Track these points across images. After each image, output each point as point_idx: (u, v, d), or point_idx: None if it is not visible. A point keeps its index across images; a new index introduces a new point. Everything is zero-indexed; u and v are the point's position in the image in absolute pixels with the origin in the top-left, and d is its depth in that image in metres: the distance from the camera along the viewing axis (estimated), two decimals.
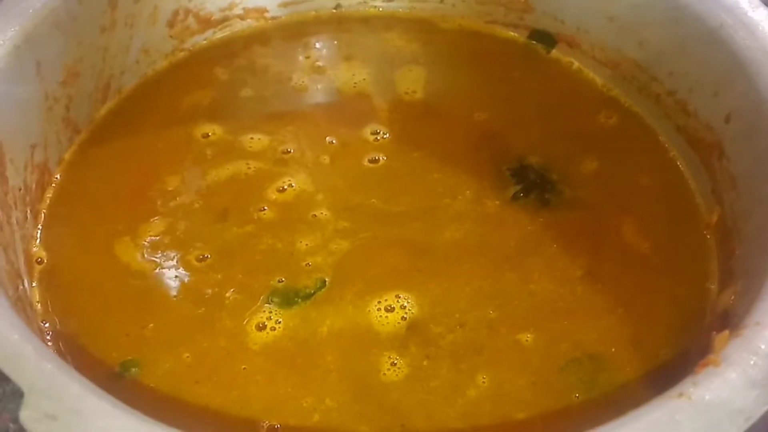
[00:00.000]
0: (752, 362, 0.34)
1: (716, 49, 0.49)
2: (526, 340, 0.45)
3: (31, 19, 0.48)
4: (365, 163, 0.54)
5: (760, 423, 0.33)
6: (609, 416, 0.33)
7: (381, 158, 0.54)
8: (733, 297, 0.43)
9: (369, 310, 0.46)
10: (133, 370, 0.43)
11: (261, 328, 0.45)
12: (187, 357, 0.44)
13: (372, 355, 0.45)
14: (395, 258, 0.49)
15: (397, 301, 0.46)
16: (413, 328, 0.46)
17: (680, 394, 0.33)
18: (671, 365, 0.43)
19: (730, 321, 0.40)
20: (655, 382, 0.42)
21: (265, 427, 0.42)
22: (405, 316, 0.46)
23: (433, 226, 0.50)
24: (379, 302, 0.46)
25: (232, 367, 0.44)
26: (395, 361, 0.44)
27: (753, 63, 0.47)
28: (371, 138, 0.55)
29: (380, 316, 0.46)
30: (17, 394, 0.50)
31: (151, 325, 0.45)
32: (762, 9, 0.49)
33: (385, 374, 0.44)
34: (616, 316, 0.46)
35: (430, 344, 0.45)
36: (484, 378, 0.43)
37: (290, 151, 0.54)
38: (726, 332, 0.36)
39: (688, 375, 0.35)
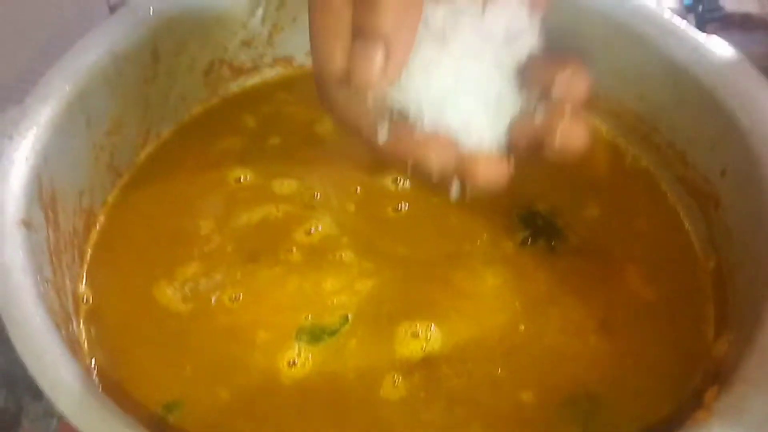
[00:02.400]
0: (738, 419, 0.37)
1: (710, 108, 0.53)
2: (527, 398, 0.48)
3: (83, 77, 0.52)
4: (389, 212, 0.57)
5: None
6: None
7: (403, 206, 0.57)
8: (726, 346, 0.47)
9: (397, 331, 0.50)
10: (176, 411, 0.47)
11: (292, 364, 0.49)
12: (225, 395, 0.48)
13: (380, 369, 0.49)
14: (430, 294, 0.52)
15: (426, 331, 0.50)
16: (427, 360, 0.49)
17: None
18: (668, 412, 0.47)
19: (722, 371, 0.43)
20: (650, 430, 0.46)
21: None
22: (425, 347, 0.50)
23: (456, 270, 0.54)
24: (411, 326, 0.50)
25: (267, 403, 0.47)
26: (396, 382, 0.48)
27: (746, 123, 0.51)
28: (392, 186, 0.58)
29: (405, 338, 0.50)
30: (48, 415, 0.54)
31: (190, 365, 0.49)
32: (754, 73, 0.52)
33: (383, 389, 0.48)
34: (622, 365, 0.49)
35: (433, 380, 0.48)
36: (477, 429, 0.46)
37: (317, 197, 0.58)
38: (716, 387, 0.40)
39: (682, 425, 0.38)
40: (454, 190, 0.42)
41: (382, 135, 0.40)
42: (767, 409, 0.37)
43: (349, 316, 0.51)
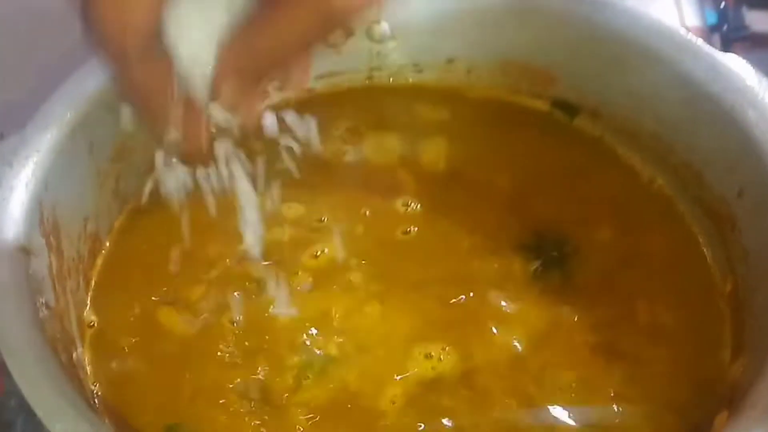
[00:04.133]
0: None
1: (728, 127, 0.52)
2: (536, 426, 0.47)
3: (85, 103, 0.52)
4: (398, 235, 0.56)
5: None
6: None
7: (413, 229, 0.57)
8: (741, 370, 0.45)
9: (409, 351, 0.50)
10: None
11: (296, 388, 0.48)
12: (225, 420, 0.47)
13: (385, 384, 0.48)
14: (444, 317, 0.52)
15: (440, 353, 0.50)
16: (434, 384, 0.48)
17: None
18: None
19: (735, 397, 0.42)
20: None
21: None
22: (434, 367, 0.49)
23: (469, 296, 0.53)
24: (425, 348, 0.50)
25: (268, 424, 0.47)
26: (395, 401, 0.47)
27: (763, 143, 0.49)
28: (402, 209, 0.58)
29: (417, 358, 0.49)
30: None
31: (191, 388, 0.48)
32: None
33: (380, 408, 0.47)
34: (633, 390, 0.48)
35: (432, 411, 0.47)
36: None
37: (324, 220, 0.57)
38: (725, 413, 0.38)
39: None
40: None
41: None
42: None
43: (355, 337, 0.51)
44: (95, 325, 0.52)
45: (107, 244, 0.56)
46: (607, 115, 0.62)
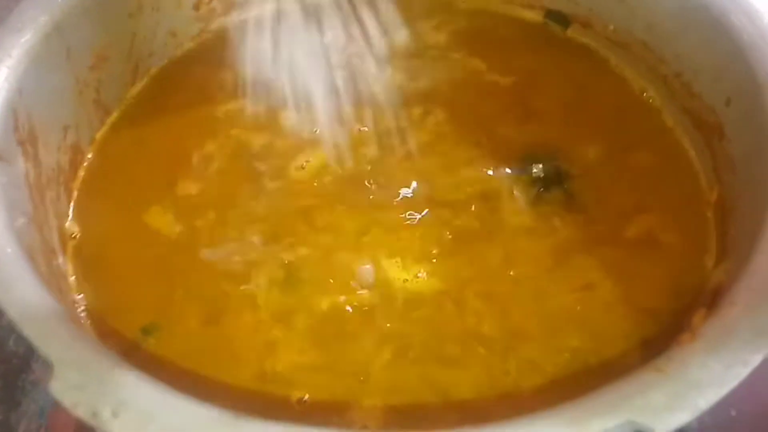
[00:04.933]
0: (723, 341, 0.36)
1: (718, 34, 0.51)
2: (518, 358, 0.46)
3: (60, 7, 0.51)
4: (394, 144, 0.56)
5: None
6: (600, 383, 0.36)
7: (409, 142, 0.56)
8: (723, 275, 0.45)
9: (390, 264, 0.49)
10: (155, 333, 0.47)
11: (276, 285, 0.49)
12: (211, 318, 0.47)
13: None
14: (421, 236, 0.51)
15: (418, 268, 0.49)
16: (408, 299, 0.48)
17: (656, 369, 0.35)
18: (664, 338, 0.45)
19: (715, 298, 0.42)
20: (647, 354, 0.44)
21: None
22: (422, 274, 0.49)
23: (459, 212, 0.52)
24: (403, 263, 0.50)
25: (252, 324, 0.47)
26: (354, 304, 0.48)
27: (753, 50, 0.49)
28: (397, 121, 0.57)
29: (391, 268, 0.49)
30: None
31: (177, 288, 0.49)
32: None
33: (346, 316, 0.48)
34: (619, 296, 0.48)
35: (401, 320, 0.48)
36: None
37: (315, 131, 0.56)
38: (703, 310, 0.38)
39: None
40: None
41: None
42: (754, 330, 0.36)
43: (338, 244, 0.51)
44: (78, 236, 0.52)
45: (89, 155, 0.56)
46: (598, 25, 0.61)
